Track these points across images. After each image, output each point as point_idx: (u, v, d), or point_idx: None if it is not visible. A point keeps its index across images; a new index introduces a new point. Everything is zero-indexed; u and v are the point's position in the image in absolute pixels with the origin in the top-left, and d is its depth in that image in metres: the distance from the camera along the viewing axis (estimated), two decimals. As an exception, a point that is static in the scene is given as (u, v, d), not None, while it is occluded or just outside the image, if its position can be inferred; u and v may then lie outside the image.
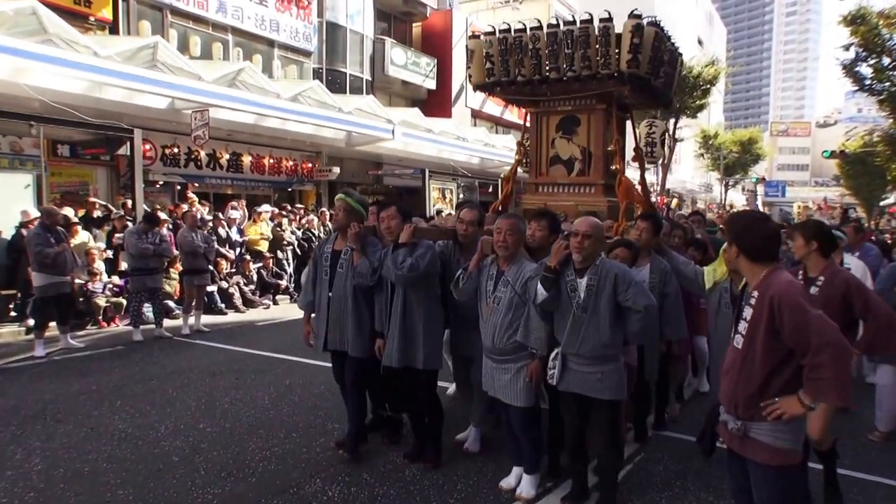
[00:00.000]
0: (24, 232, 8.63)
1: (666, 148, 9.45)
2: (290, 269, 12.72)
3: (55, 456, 4.49)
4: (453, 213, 5.20)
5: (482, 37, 6.36)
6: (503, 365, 3.93)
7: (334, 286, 4.49)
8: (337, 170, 17.22)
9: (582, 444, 3.88)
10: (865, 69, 24.29)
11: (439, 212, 16.16)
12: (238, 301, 11.02)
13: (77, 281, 8.70)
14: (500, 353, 3.93)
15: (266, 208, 12.93)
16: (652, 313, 3.69)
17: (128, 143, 10.84)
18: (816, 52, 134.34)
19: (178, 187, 14.37)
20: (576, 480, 3.96)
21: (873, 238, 10.76)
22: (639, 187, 6.75)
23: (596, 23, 5.75)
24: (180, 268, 10.13)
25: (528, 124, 6.78)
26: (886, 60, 23.44)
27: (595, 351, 3.64)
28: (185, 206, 11.58)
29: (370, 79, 20.33)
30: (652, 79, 5.90)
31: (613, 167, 6.19)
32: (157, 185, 13.86)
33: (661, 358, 4.89)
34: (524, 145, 6.82)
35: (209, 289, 10.03)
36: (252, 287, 11.64)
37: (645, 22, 5.66)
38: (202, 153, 14.63)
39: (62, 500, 3.82)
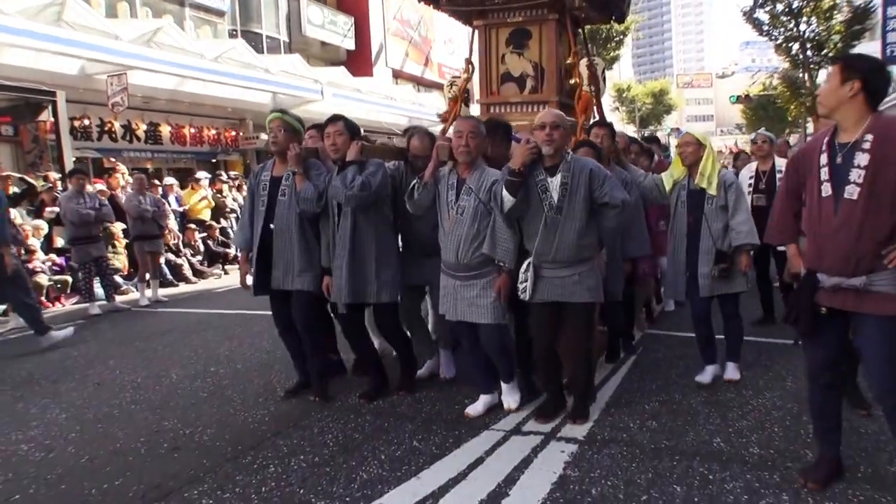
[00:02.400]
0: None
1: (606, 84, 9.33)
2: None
3: (74, 406, 4.48)
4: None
5: None
6: (468, 282, 3.75)
7: (276, 216, 4.15)
8: (265, 136, 16.90)
9: (554, 357, 3.80)
10: (763, 16, 26.39)
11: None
12: (188, 272, 10.84)
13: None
14: (465, 270, 3.76)
15: (203, 174, 12.66)
16: (628, 208, 3.67)
17: (49, 108, 10.27)
18: (711, 5, 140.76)
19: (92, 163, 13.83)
20: (550, 393, 3.90)
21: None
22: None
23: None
24: (122, 239, 9.89)
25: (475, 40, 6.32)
26: (780, 7, 25.56)
27: (571, 253, 3.57)
28: (118, 177, 11.16)
29: (287, 40, 20.03)
30: None
31: (573, 81, 5.90)
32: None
33: (626, 279, 4.89)
34: (471, 62, 6.50)
35: (156, 260, 9.83)
36: (199, 258, 11.47)
37: None
38: (116, 124, 14.10)
39: (109, 436, 3.88)
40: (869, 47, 27.68)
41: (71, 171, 8.73)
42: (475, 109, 7.10)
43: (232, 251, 12.23)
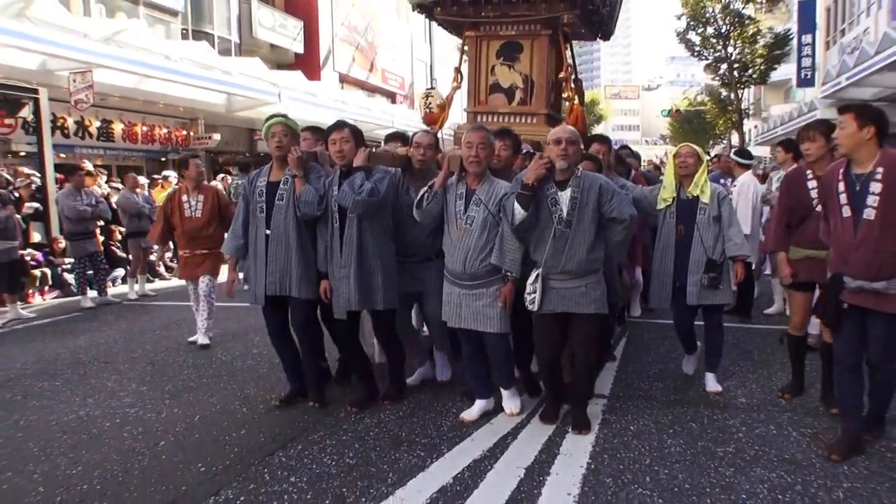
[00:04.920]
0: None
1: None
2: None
3: (146, 381, 5.15)
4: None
5: None
6: (475, 291, 3.93)
7: (273, 222, 4.22)
8: (217, 136, 17.38)
9: (557, 364, 4.09)
10: (695, 37, 29.11)
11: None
12: (161, 269, 11.32)
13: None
14: (471, 279, 3.93)
15: (171, 173, 13.06)
16: (634, 222, 3.90)
17: (30, 105, 10.57)
18: (638, 20, 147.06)
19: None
20: (551, 398, 4.16)
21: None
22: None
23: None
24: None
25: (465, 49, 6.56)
26: (710, 30, 28.35)
27: (580, 266, 3.77)
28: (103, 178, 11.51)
29: (238, 41, 20.46)
30: (601, 4, 6.07)
31: (565, 95, 6.28)
32: (20, 155, 13.49)
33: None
34: (460, 71, 6.73)
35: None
36: (169, 255, 11.91)
37: None
38: (70, 120, 14.30)
39: (202, 402, 4.62)
40: (786, 69, 30.67)
41: (69, 169, 9.18)
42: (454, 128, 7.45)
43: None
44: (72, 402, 4.67)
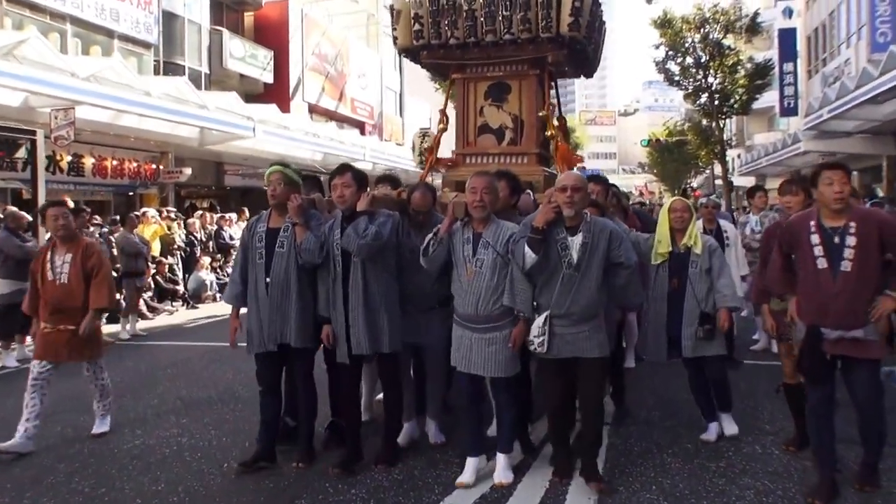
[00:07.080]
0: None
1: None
2: (180, 275, 13.79)
3: (186, 416, 5.96)
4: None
5: None
6: (488, 335, 4.12)
7: (273, 269, 4.43)
8: (188, 171, 18.17)
9: (565, 413, 4.35)
10: (674, 67, 30.83)
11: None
12: (143, 308, 12.05)
13: None
14: (485, 322, 4.12)
15: (151, 211, 13.84)
16: (636, 268, 4.23)
17: (27, 145, 11.41)
18: (614, 44, 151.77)
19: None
20: (561, 452, 4.37)
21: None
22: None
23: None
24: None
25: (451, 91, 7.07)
26: (689, 60, 30.13)
27: (585, 310, 4.03)
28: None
29: (208, 72, 21.47)
30: (587, 44, 6.38)
31: (548, 133, 6.53)
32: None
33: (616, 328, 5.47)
34: (446, 114, 7.10)
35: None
36: (150, 293, 12.65)
37: None
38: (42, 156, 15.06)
39: (250, 433, 5.47)
40: (769, 96, 32.50)
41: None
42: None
43: (180, 288, 13.51)
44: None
